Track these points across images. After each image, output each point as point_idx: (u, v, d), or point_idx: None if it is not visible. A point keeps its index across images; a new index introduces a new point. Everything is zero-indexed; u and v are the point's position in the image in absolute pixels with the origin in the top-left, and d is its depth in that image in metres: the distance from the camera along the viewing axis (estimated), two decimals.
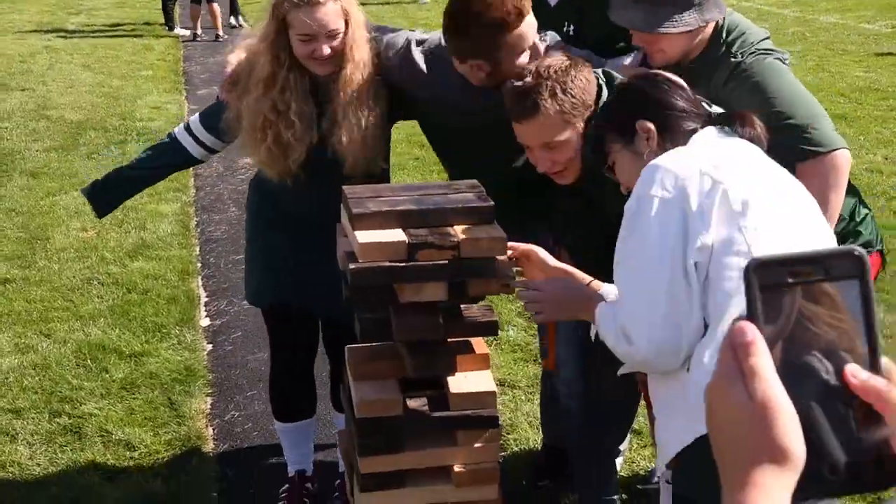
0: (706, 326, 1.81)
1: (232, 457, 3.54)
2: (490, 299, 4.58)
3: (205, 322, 4.67)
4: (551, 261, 2.32)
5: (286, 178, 2.74)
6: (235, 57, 2.80)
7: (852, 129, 7.80)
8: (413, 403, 2.26)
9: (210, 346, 4.41)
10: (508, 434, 3.58)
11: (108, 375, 4.04)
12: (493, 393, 2.26)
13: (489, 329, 2.25)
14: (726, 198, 1.78)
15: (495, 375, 3.97)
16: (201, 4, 12.96)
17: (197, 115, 2.97)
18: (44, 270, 5.18)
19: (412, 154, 7.17)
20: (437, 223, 2.15)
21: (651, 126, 2.00)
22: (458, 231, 2.14)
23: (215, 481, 3.38)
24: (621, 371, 2.10)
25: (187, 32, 13.33)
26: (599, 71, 2.46)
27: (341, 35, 2.62)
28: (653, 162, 1.89)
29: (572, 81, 2.32)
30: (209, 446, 3.59)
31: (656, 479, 2.88)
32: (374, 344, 2.37)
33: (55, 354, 4.22)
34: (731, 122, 2.00)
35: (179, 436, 3.62)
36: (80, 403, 3.81)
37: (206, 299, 4.94)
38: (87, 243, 5.57)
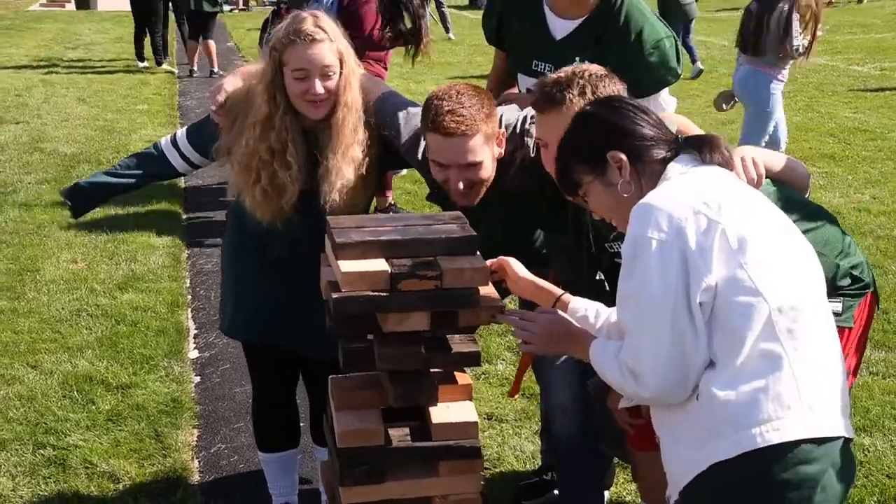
0: (711, 362, 1.85)
1: (218, 489, 3.52)
2: (479, 333, 4.57)
3: (193, 354, 4.66)
4: (523, 271, 2.35)
5: (277, 221, 2.75)
6: (231, 83, 2.80)
7: (841, 169, 7.87)
8: (395, 433, 2.25)
9: (198, 378, 4.39)
10: (495, 468, 3.57)
11: (94, 407, 4.02)
12: (475, 423, 2.26)
13: (471, 359, 2.26)
14: (724, 236, 1.82)
15: (483, 409, 3.97)
16: (198, 41, 13.07)
17: (184, 129, 2.97)
18: (32, 302, 5.18)
19: (404, 188, 7.21)
20: (420, 254, 2.17)
21: (623, 157, 2.01)
22: (441, 262, 2.15)
23: None
24: (622, 405, 2.12)
25: (171, 67, 13.41)
26: None
27: (335, 76, 2.64)
28: (644, 201, 1.90)
29: (604, 87, 2.35)
30: (195, 478, 3.57)
31: None
32: (356, 374, 2.37)
33: (41, 386, 4.20)
34: (699, 147, 2.02)
35: (165, 468, 3.60)
36: (65, 435, 3.79)
37: (195, 331, 4.93)
38: (77, 275, 5.57)
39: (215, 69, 13.09)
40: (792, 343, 1.81)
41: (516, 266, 2.34)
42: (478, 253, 2.21)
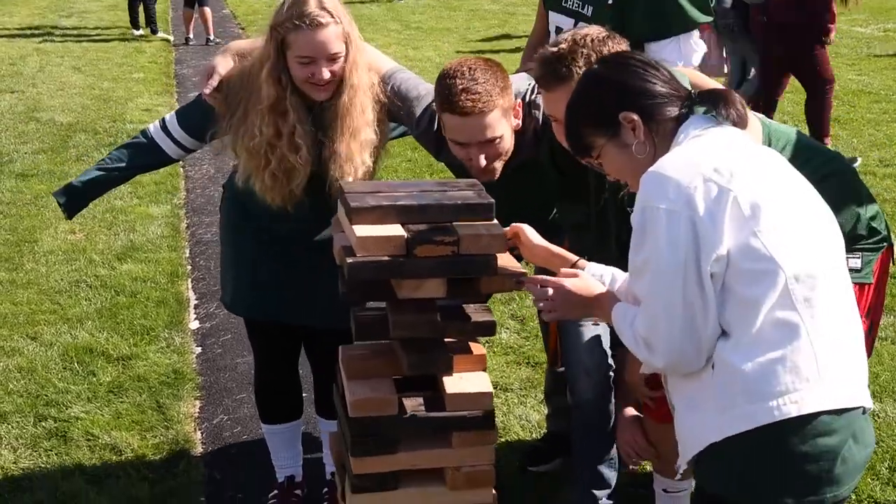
0: (724, 331, 1.80)
1: (220, 461, 3.49)
2: None
3: (194, 325, 4.62)
4: (537, 238, 2.30)
5: (287, 204, 2.69)
6: (224, 65, 2.71)
7: (846, 132, 7.79)
8: (408, 403, 2.21)
9: (199, 349, 4.35)
10: (501, 437, 3.53)
11: (95, 379, 3.98)
12: (490, 394, 2.22)
13: (487, 329, 2.21)
14: (736, 204, 1.76)
15: None
16: (194, 8, 12.91)
17: (173, 114, 2.88)
18: (31, 273, 5.13)
19: (405, 156, 7.14)
20: (437, 219, 2.12)
21: (635, 117, 1.93)
22: (458, 227, 2.10)
23: (203, 485, 3.32)
24: (642, 371, 2.10)
25: (167, 36, 13.25)
26: None
27: (342, 59, 2.57)
28: (653, 169, 1.84)
29: (609, 52, 2.28)
30: (197, 450, 3.54)
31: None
32: (367, 343, 2.33)
33: (41, 357, 4.16)
34: (713, 102, 1.94)
35: (167, 439, 3.56)
36: (66, 407, 3.76)
37: (195, 302, 4.89)
38: (76, 246, 5.52)
39: (211, 37, 12.94)
40: (809, 311, 1.76)
41: (530, 233, 2.29)
42: (495, 220, 2.15)
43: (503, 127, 2.53)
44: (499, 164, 2.59)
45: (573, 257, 2.25)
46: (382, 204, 2.11)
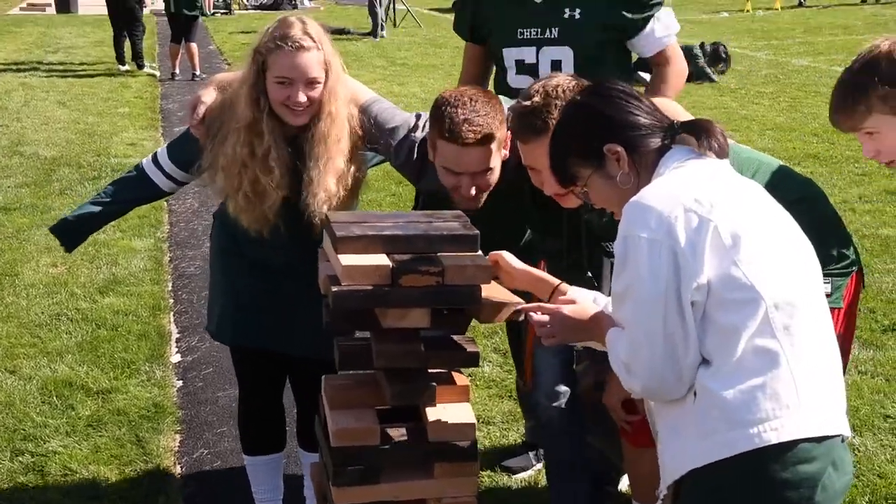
0: (704, 359, 1.82)
1: (200, 495, 3.45)
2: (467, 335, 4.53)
3: (175, 358, 4.59)
4: (517, 263, 2.31)
5: (262, 229, 2.70)
6: (208, 95, 2.74)
7: (826, 168, 7.88)
8: (390, 433, 2.20)
9: (180, 383, 4.33)
10: (483, 470, 3.52)
11: (74, 412, 3.95)
12: (473, 425, 2.21)
13: (471, 360, 2.21)
14: (717, 233, 1.78)
15: None
16: (180, 44, 12.98)
17: (164, 147, 2.91)
18: (11, 306, 5.09)
19: (389, 190, 7.16)
20: (422, 250, 2.13)
21: (620, 149, 1.96)
22: (443, 258, 2.11)
23: None
24: (620, 395, 2.12)
25: (153, 70, 13.29)
26: None
27: (320, 86, 2.59)
28: (634, 200, 1.87)
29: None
30: (177, 484, 3.50)
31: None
32: (350, 373, 2.32)
33: (20, 391, 4.12)
34: (694, 133, 1.97)
35: (146, 473, 3.53)
36: (44, 441, 3.72)
37: (177, 335, 4.86)
38: (57, 279, 5.49)
39: (197, 72, 13.01)
40: (789, 339, 1.78)
41: (510, 258, 2.30)
42: (480, 251, 2.16)
43: (496, 159, 2.55)
44: (484, 195, 2.61)
45: (555, 281, 2.26)
46: (368, 234, 2.12)
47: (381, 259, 2.08)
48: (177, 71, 13.07)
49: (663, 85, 3.17)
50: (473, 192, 2.56)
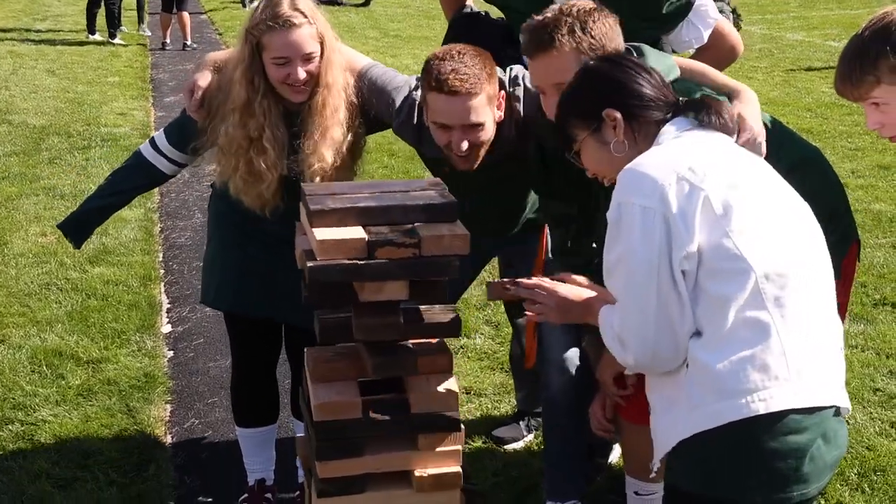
0: (696, 331, 1.81)
1: (191, 465, 3.45)
2: (459, 306, 4.53)
3: (166, 329, 4.58)
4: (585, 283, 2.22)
5: (264, 208, 2.70)
6: (204, 78, 2.72)
7: (819, 143, 7.85)
8: (373, 405, 2.19)
9: (171, 353, 4.31)
10: (475, 442, 3.53)
11: (64, 382, 3.93)
12: (455, 395, 2.21)
13: (451, 329, 2.20)
14: (708, 203, 1.78)
15: (461, 383, 3.92)
16: (171, 13, 12.84)
17: (161, 131, 2.89)
18: (0, 276, 5.06)
19: (381, 162, 7.12)
20: (398, 221, 2.10)
21: (618, 115, 1.97)
22: (420, 229, 2.08)
23: (173, 489, 3.28)
24: (614, 369, 2.10)
25: (121, 42, 13.08)
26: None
27: (316, 59, 2.58)
28: (629, 167, 1.87)
29: (594, 23, 2.29)
30: (167, 454, 3.50)
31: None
32: (333, 346, 2.31)
33: (9, 360, 4.10)
34: (697, 110, 1.97)
35: (137, 443, 3.52)
36: (34, 410, 3.71)
37: (168, 306, 4.84)
38: (47, 248, 5.46)
39: (188, 42, 12.88)
40: (779, 311, 1.77)
41: (579, 280, 2.19)
42: (458, 220, 2.14)
43: (487, 114, 2.53)
44: (479, 154, 2.59)
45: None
46: (343, 206, 2.09)
47: (357, 232, 2.06)
48: (167, 40, 12.94)
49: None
50: (465, 146, 2.53)
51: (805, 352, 1.79)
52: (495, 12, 3.26)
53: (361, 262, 2.03)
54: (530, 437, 3.53)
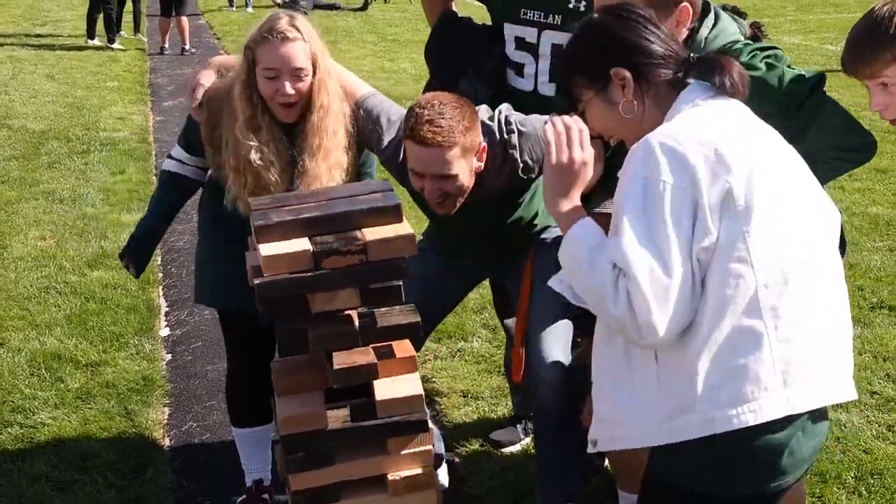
0: (689, 329, 1.75)
1: (189, 467, 3.46)
2: (456, 309, 4.54)
3: (164, 332, 4.59)
4: None
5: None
6: (206, 77, 2.75)
7: None
8: (339, 414, 2.17)
9: (169, 356, 4.32)
10: (472, 446, 3.54)
11: (63, 385, 3.94)
12: (420, 396, 2.18)
13: (410, 331, 2.17)
14: (731, 196, 1.72)
15: (459, 386, 3.94)
16: (170, 18, 12.86)
17: (176, 145, 2.95)
18: (0, 279, 5.07)
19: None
20: (343, 228, 2.08)
21: (627, 74, 1.86)
22: (366, 234, 2.06)
23: (171, 492, 3.29)
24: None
25: (120, 47, 13.09)
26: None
27: (307, 78, 2.61)
28: (656, 138, 1.76)
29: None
30: (165, 457, 3.51)
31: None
32: (297, 356, 2.27)
33: (8, 363, 4.11)
34: (709, 69, 1.87)
35: (135, 446, 3.53)
36: (32, 413, 3.72)
37: (166, 309, 4.86)
38: (46, 252, 5.47)
39: (187, 46, 12.90)
40: (774, 321, 1.75)
41: None
42: (404, 220, 2.11)
43: (461, 166, 2.54)
44: (455, 202, 2.61)
45: None
46: (286, 219, 2.06)
47: (302, 244, 2.04)
48: (166, 45, 12.96)
49: None
50: (436, 196, 2.57)
51: (798, 359, 1.77)
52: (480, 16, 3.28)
53: (308, 275, 2.01)
54: (527, 440, 3.54)
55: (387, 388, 2.18)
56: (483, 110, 2.74)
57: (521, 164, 2.67)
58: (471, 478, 3.32)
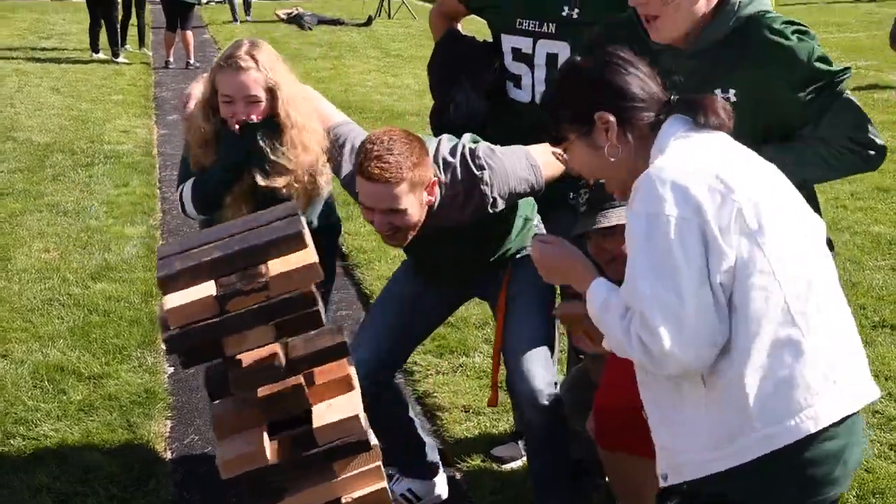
0: (727, 350, 1.76)
1: (190, 480, 3.46)
2: (456, 325, 4.55)
3: None
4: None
5: None
6: (197, 89, 2.90)
7: None
8: (276, 447, 2.11)
9: (171, 369, 4.33)
10: (473, 459, 3.54)
11: (65, 397, 3.95)
12: (356, 417, 2.11)
13: (339, 352, 2.11)
14: (741, 216, 1.74)
15: (460, 401, 3.95)
16: (175, 32, 12.92)
17: (180, 162, 3.06)
18: (3, 291, 5.09)
19: None
20: (248, 264, 1.99)
21: (611, 118, 1.90)
22: (270, 267, 1.99)
23: None
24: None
25: (125, 61, 13.17)
26: None
27: (262, 104, 2.73)
28: (654, 174, 1.79)
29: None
30: (167, 469, 3.51)
31: None
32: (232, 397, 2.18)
33: (11, 375, 4.12)
34: (693, 109, 1.90)
35: (137, 458, 3.54)
36: (35, 425, 3.72)
37: None
38: (49, 264, 5.49)
39: (191, 60, 12.96)
40: (806, 326, 1.76)
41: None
42: (310, 245, 2.02)
43: (409, 201, 2.56)
44: (405, 235, 2.64)
45: None
46: (189, 265, 1.99)
47: (207, 289, 1.97)
48: (171, 59, 13.02)
49: None
50: (384, 229, 2.59)
51: (834, 360, 1.78)
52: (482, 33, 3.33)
53: (215, 321, 1.93)
54: None
55: (323, 414, 2.12)
56: (444, 142, 2.76)
57: (491, 200, 2.69)
58: (472, 493, 3.32)
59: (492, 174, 2.67)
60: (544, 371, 2.79)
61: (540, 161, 2.72)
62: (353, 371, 2.17)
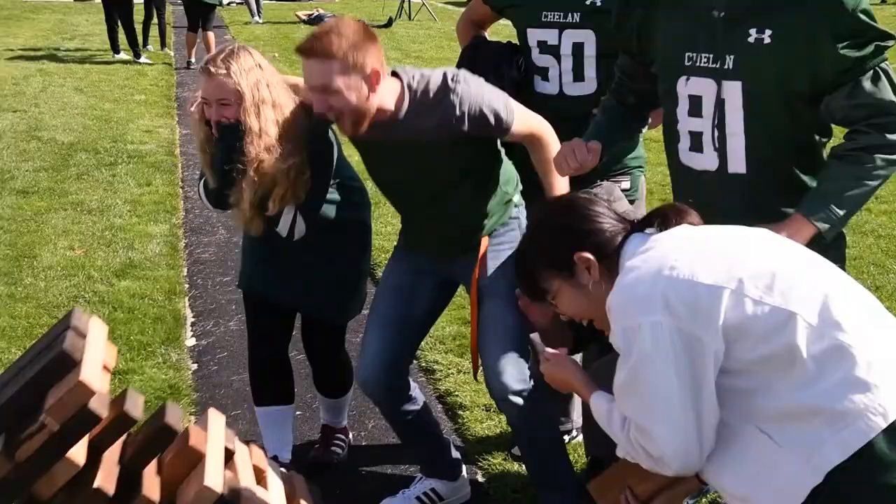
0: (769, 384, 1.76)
1: None
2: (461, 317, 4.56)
3: (190, 342, 4.64)
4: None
5: (249, 229, 3.06)
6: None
7: None
8: None
9: (195, 366, 4.37)
10: (494, 458, 3.56)
11: None
12: (206, 488, 2.07)
13: (169, 433, 2.10)
14: (715, 291, 1.74)
15: (482, 401, 3.96)
16: (197, 32, 13.01)
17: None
18: (30, 287, 5.15)
19: None
20: (28, 402, 1.92)
21: (590, 256, 1.96)
22: (48, 400, 1.91)
23: None
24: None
25: (147, 61, 13.26)
26: None
27: (232, 107, 2.86)
28: (617, 293, 1.83)
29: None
30: None
31: None
32: None
33: None
34: (663, 220, 1.96)
35: None
36: None
37: (192, 319, 4.91)
38: (75, 262, 5.55)
39: (192, 60, 13.01)
40: (839, 333, 1.73)
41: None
42: (81, 362, 1.93)
43: (343, 82, 2.52)
44: (355, 123, 2.59)
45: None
46: None
47: None
48: (192, 59, 13.10)
49: None
50: (325, 109, 2.57)
51: (880, 357, 1.74)
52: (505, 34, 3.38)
53: (11, 476, 1.86)
54: None
55: (183, 495, 2.09)
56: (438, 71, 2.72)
57: (458, 114, 2.64)
58: (493, 491, 3.34)
59: (465, 88, 2.64)
60: (514, 368, 2.80)
61: (518, 112, 2.73)
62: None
